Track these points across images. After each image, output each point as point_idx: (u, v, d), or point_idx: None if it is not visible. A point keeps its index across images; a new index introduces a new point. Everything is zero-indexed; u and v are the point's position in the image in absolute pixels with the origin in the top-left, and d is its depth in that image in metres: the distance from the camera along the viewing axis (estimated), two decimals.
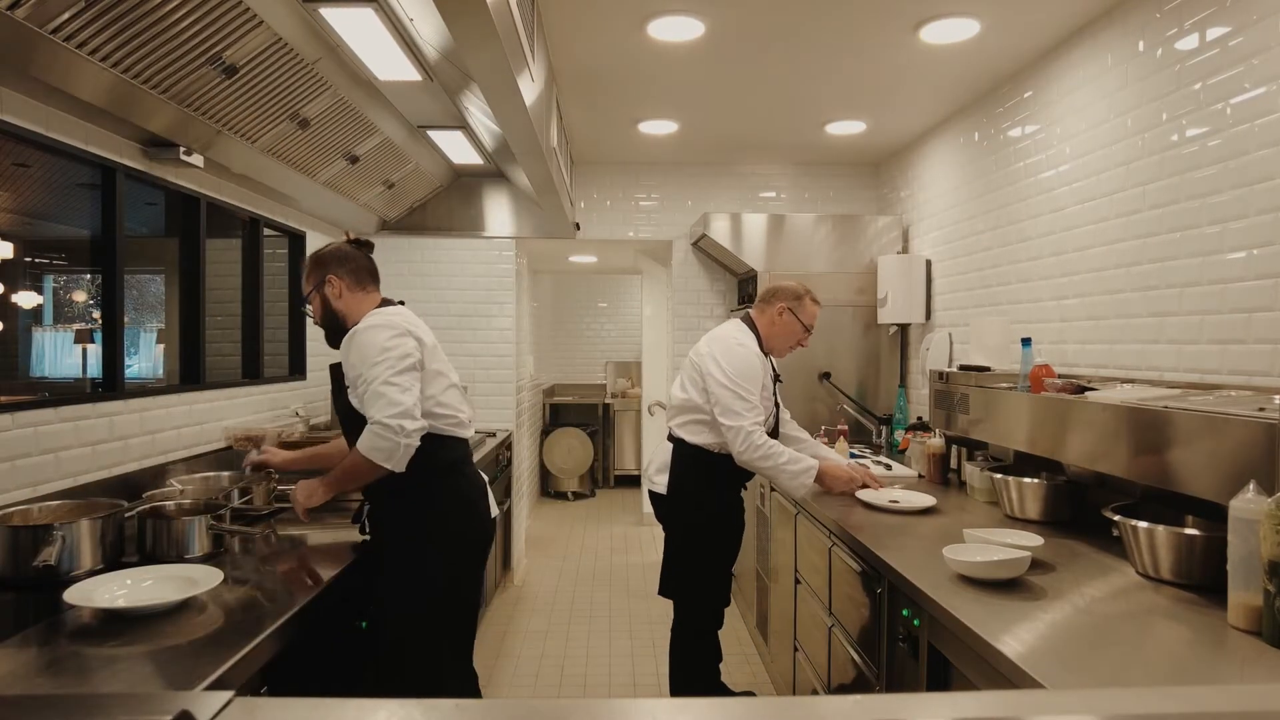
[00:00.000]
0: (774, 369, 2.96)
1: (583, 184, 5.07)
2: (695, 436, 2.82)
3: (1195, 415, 1.79)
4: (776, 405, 2.97)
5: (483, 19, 1.84)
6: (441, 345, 2.32)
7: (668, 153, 4.80)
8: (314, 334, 4.00)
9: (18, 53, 1.78)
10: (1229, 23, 2.16)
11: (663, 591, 2.93)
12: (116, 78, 2.03)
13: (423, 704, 0.80)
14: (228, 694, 0.77)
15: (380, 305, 2.26)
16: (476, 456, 3.88)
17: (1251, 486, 1.52)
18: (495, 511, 2.37)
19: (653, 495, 2.94)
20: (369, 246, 2.35)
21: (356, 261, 2.27)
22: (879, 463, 3.61)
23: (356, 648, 2.11)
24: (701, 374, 2.77)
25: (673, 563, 2.90)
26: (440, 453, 2.20)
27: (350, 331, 2.13)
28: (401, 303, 2.34)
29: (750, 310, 2.98)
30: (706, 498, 2.83)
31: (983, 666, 1.52)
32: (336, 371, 2.20)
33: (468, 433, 2.32)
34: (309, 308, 2.28)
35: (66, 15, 1.75)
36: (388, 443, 2.02)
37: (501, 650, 3.97)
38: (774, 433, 2.92)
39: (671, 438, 2.89)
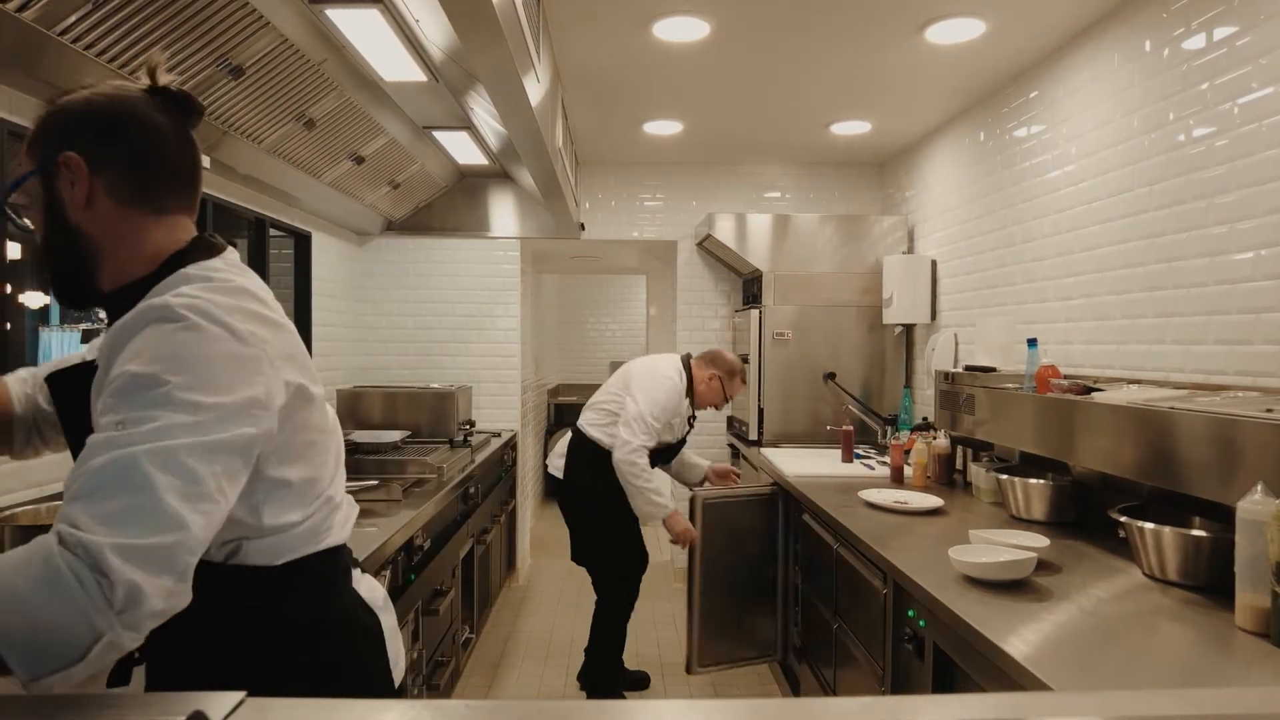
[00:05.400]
0: (692, 413, 3.47)
1: (587, 184, 5.07)
2: (592, 431, 3.30)
3: (1202, 416, 1.79)
4: (682, 441, 3.49)
5: (488, 20, 1.84)
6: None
7: (672, 153, 4.80)
8: (319, 333, 4.01)
9: (26, 55, 1.79)
10: (1236, 22, 2.15)
11: (574, 558, 3.43)
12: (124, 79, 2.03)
13: (431, 704, 0.80)
14: (240, 694, 0.77)
15: (198, 247, 1.07)
16: (482, 456, 3.88)
17: (1259, 488, 1.51)
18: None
19: (550, 478, 3.42)
20: (197, 113, 1.11)
21: (155, 143, 1.06)
22: (883, 463, 3.61)
23: None
24: (628, 391, 3.23)
25: (578, 538, 3.39)
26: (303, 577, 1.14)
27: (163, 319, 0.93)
28: (233, 244, 1.14)
29: (692, 359, 3.45)
30: (597, 484, 3.26)
31: (989, 668, 1.52)
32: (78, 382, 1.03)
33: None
34: (18, 211, 1.08)
35: (74, 17, 1.76)
36: None
37: (506, 649, 3.97)
38: (671, 454, 3.47)
39: (574, 429, 3.36)
